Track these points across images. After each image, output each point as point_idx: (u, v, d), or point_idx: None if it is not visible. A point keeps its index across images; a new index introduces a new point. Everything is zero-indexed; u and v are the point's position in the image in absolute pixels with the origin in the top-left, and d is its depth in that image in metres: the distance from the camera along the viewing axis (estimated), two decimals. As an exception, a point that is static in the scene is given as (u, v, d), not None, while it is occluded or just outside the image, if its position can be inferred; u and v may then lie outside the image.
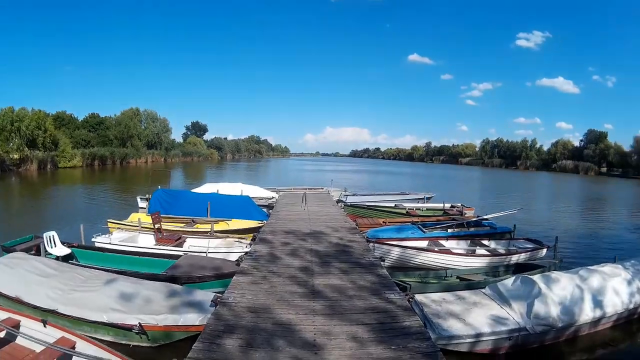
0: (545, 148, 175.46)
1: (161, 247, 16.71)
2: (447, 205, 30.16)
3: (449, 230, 20.37)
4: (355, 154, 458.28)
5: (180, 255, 14.66)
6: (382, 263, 13.08)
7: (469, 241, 19.82)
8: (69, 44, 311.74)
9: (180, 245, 17.37)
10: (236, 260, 13.00)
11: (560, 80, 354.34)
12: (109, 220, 21.10)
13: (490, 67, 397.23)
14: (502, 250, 18.40)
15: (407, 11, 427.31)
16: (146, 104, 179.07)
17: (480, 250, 18.44)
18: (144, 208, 26.00)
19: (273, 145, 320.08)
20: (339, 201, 30.42)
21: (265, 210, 25.82)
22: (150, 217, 19.53)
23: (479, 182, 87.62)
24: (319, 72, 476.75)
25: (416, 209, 28.67)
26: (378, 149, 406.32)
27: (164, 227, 19.22)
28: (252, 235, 18.02)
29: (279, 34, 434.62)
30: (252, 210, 22.97)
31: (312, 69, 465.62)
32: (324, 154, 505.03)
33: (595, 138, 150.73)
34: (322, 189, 38.55)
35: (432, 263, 16.82)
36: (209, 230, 19.11)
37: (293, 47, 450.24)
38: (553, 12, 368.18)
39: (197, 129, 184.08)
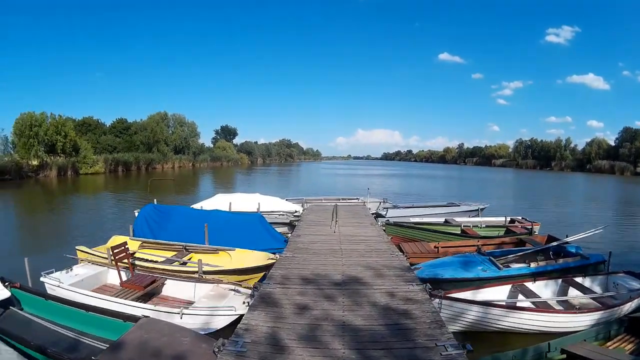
0: (579, 147, 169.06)
1: (121, 298, 11.27)
2: (507, 219, 24.50)
3: (532, 265, 14.55)
4: (387, 157, 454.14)
5: (139, 318, 9.41)
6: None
7: (559, 280, 13.81)
8: (99, 51, 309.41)
9: (151, 293, 12.38)
10: (216, 346, 7.34)
11: (591, 76, 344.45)
12: (78, 247, 15.92)
13: (521, 65, 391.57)
14: (613, 299, 12.37)
15: (436, 9, 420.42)
16: (176, 109, 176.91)
17: (583, 299, 12.57)
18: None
19: (304, 148, 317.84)
20: (377, 215, 25.13)
21: (285, 229, 21.47)
22: (136, 242, 16.53)
23: (518, 186, 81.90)
24: (348, 73, 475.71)
25: (473, 227, 22.90)
26: (410, 151, 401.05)
27: (150, 255, 15.53)
28: (257, 277, 13.45)
29: (308, 34, 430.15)
30: (263, 234, 17.62)
31: (342, 70, 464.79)
32: (355, 157, 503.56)
33: (630, 136, 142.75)
34: (356, 199, 32.58)
35: (526, 326, 10.90)
36: (197, 270, 13.35)
37: (322, 48, 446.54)
38: (581, 5, 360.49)
39: (227, 133, 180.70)
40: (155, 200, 23.33)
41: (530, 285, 13.24)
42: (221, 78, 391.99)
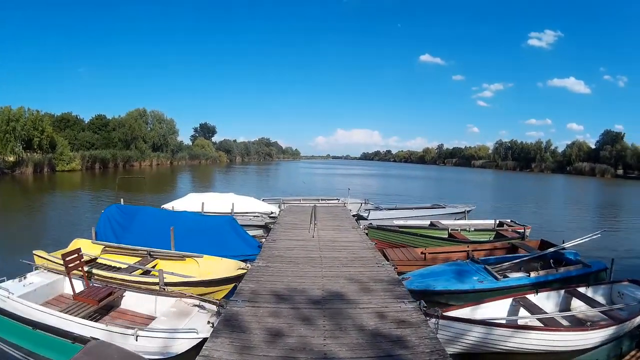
0: (559, 150, 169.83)
1: (71, 314, 9.62)
2: (496, 222, 23.09)
3: (532, 275, 13.19)
4: (366, 157, 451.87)
5: (88, 339, 7.90)
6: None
7: (562, 291, 12.32)
8: (81, 46, 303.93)
9: (109, 306, 10.81)
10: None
11: (572, 80, 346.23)
12: (35, 252, 13.97)
13: (502, 68, 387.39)
14: (621, 311, 10.99)
15: (418, 11, 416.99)
16: (155, 105, 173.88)
17: (590, 312, 11.24)
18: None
19: (284, 147, 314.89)
20: (358, 218, 23.70)
21: (260, 232, 20.13)
22: (98, 246, 15.12)
23: (500, 187, 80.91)
24: (329, 73, 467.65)
25: (461, 230, 21.51)
26: (389, 151, 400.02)
27: (111, 261, 14.23)
28: (226, 288, 12.12)
29: (289, 34, 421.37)
30: (235, 239, 15.93)
31: (323, 70, 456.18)
32: (334, 157, 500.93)
33: (611, 139, 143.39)
34: (336, 200, 30.96)
35: (533, 346, 9.42)
36: (157, 282, 11.66)
37: (303, 47, 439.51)
38: (564, 10, 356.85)
39: (206, 131, 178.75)
40: (122, 200, 21.76)
41: (532, 298, 11.75)
42: (201, 76, 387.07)
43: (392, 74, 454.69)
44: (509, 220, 23.21)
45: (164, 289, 11.22)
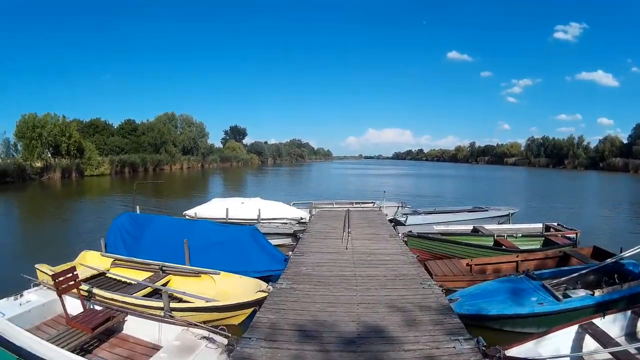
0: (591, 145, 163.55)
1: (59, 345, 8.12)
2: (540, 225, 21.44)
3: (597, 293, 11.02)
4: (398, 156, 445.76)
5: None
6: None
7: (629, 313, 10.21)
8: (108, 52, 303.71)
9: (110, 330, 9.29)
10: None
11: (600, 73, 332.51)
12: (37, 266, 12.53)
13: (530, 63, 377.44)
14: None
15: (443, 7, 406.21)
16: (184, 109, 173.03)
17: None
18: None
19: (315, 148, 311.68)
20: (395, 223, 21.68)
21: (289, 240, 18.57)
22: (108, 258, 13.88)
23: (534, 185, 77.33)
24: (358, 72, 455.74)
25: (507, 236, 19.17)
26: (421, 150, 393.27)
27: (120, 277, 12.86)
28: (244, 314, 10.38)
29: (318, 33, 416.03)
30: (257, 253, 14.06)
31: (352, 69, 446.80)
32: (366, 157, 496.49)
33: None
34: (371, 203, 28.92)
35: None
36: (163, 307, 9.95)
37: (333, 48, 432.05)
38: (589, 1, 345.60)
39: (237, 133, 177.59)
40: (138, 207, 20.26)
41: (599, 323, 9.58)
42: (231, 78, 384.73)
43: (420, 72, 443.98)
44: (555, 224, 21.22)
45: (170, 315, 9.47)
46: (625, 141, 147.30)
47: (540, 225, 21.38)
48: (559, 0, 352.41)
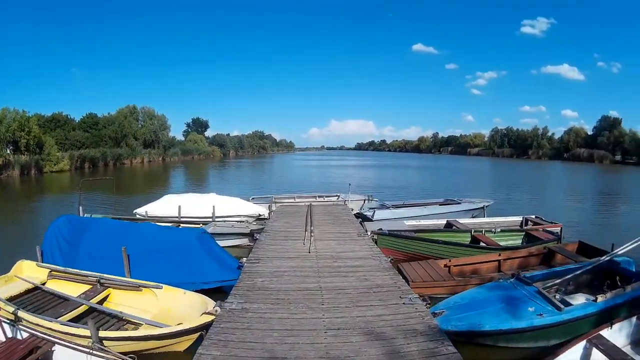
0: (555, 136, 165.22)
1: None
2: (518, 219, 19.96)
3: (600, 299, 9.52)
4: (360, 147, 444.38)
5: None
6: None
7: (634, 319, 8.95)
8: (72, 46, 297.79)
9: None
10: None
11: (565, 67, 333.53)
12: None
13: (496, 56, 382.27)
14: None
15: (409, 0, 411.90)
16: (147, 103, 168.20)
17: None
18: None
19: (278, 140, 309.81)
20: (362, 219, 19.96)
21: (246, 241, 16.21)
22: (44, 269, 11.87)
23: (500, 175, 76.98)
24: (321, 63, 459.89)
25: (485, 232, 17.49)
26: (384, 141, 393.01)
27: (55, 293, 10.84)
28: (187, 339, 8.56)
29: (280, 24, 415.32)
30: (206, 261, 12.07)
31: (315, 60, 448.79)
32: (329, 148, 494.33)
33: (608, 125, 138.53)
34: (336, 196, 27.10)
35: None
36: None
37: (294, 38, 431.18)
38: None
39: (199, 126, 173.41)
40: (81, 208, 18.20)
41: (607, 334, 8.24)
42: (193, 71, 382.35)
43: (384, 63, 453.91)
44: (533, 217, 19.81)
45: (99, 347, 7.56)
46: (590, 132, 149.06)
47: (518, 218, 20.02)
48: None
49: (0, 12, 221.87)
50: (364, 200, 24.86)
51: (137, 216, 20.96)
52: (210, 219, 19.06)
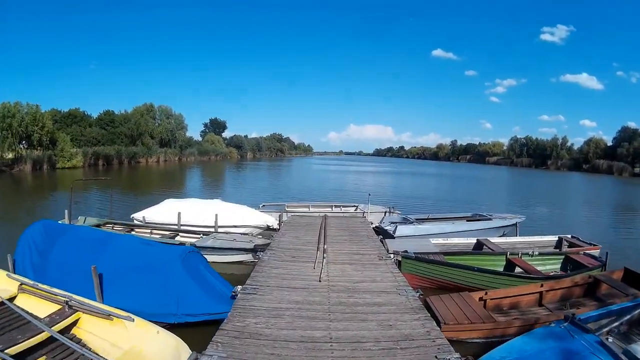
0: (574, 147, 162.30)
1: None
2: (553, 238, 18.12)
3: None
4: (379, 153, 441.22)
5: None
6: None
7: None
8: (92, 42, 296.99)
9: None
10: None
11: (584, 76, 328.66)
12: None
13: (515, 63, 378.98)
14: None
15: (430, 5, 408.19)
16: (166, 102, 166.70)
17: None
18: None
19: (296, 143, 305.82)
20: (383, 234, 17.83)
21: (249, 258, 14.54)
22: (14, 282, 9.78)
23: (521, 185, 74.37)
24: (341, 68, 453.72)
25: (522, 255, 15.19)
26: (402, 147, 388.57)
27: (25, 311, 8.71)
28: None
29: (303, 29, 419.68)
30: (191, 287, 9.87)
31: (335, 65, 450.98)
32: (347, 153, 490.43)
33: (628, 136, 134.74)
34: (354, 207, 24.97)
35: None
36: None
37: (316, 43, 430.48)
38: (576, 4, 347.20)
39: (216, 126, 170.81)
40: (66, 211, 16.34)
41: None
42: (213, 71, 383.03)
43: (404, 69, 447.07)
44: (570, 236, 17.88)
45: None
46: (609, 143, 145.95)
47: (553, 238, 18.05)
48: (547, 2, 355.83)
49: (21, 7, 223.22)
50: (385, 212, 22.65)
51: (135, 221, 19.19)
52: (213, 229, 17.22)
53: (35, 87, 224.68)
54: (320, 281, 10.26)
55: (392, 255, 13.37)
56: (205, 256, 13.67)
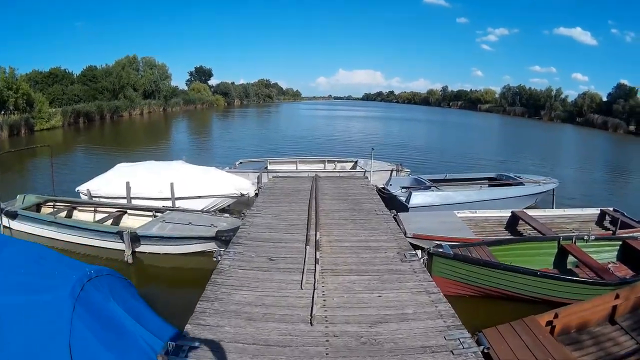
0: (569, 99, 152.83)
1: None
2: (593, 212, 14.38)
3: None
4: (368, 97, 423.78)
5: None
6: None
7: None
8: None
9: None
10: None
11: (579, 30, 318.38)
12: None
13: (508, 13, 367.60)
14: None
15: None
16: (151, 53, 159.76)
17: None
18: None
19: (284, 88, 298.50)
20: (389, 200, 13.85)
21: (210, 246, 10.86)
22: None
23: (525, 137, 68.24)
24: (329, 11, 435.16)
25: (576, 240, 10.95)
26: (392, 92, 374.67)
27: None
28: None
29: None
30: (92, 347, 5.20)
31: (323, 8, 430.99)
32: (336, 98, 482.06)
33: (624, 93, 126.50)
34: (351, 163, 20.56)
35: None
36: None
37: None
38: None
39: (202, 74, 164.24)
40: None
41: None
42: (197, 17, 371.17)
43: (394, 14, 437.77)
44: (611, 209, 14.24)
45: None
46: (604, 99, 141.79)
47: (594, 210, 14.37)
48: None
49: None
50: (391, 171, 18.27)
51: (81, 196, 14.86)
52: (169, 202, 13.27)
53: (17, 50, 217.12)
54: (312, 324, 5.91)
55: (409, 235, 9.53)
56: (152, 247, 10.16)
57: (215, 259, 8.28)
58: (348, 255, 8.46)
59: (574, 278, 9.53)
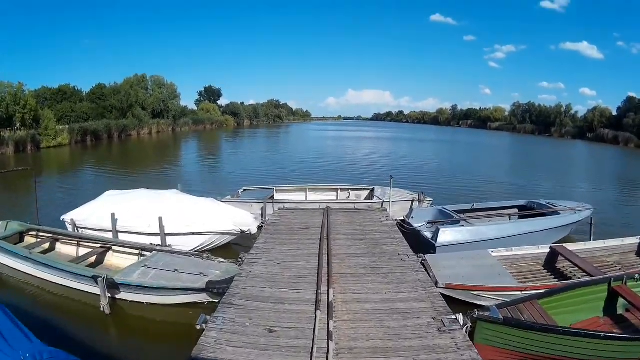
0: (578, 115, 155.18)
1: None
2: (634, 241, 12.90)
3: None
4: (377, 117, 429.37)
5: None
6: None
7: None
8: (84, 16, 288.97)
9: None
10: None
11: (585, 45, 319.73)
12: None
13: (514, 29, 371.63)
14: None
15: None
16: (161, 73, 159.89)
17: None
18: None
19: (294, 109, 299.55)
20: (410, 234, 12.40)
21: (202, 297, 9.44)
22: None
23: (539, 155, 66.23)
24: (340, 33, 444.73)
25: (627, 281, 9.10)
26: (401, 112, 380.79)
27: None
28: None
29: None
30: None
31: (333, 29, 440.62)
32: (346, 118, 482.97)
33: (634, 106, 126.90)
34: (367, 190, 18.83)
35: None
36: None
37: (314, 7, 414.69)
38: None
39: (211, 94, 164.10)
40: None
41: None
42: (208, 38, 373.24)
43: (402, 33, 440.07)
44: None
45: None
46: (613, 113, 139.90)
47: (635, 240, 12.97)
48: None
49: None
50: (412, 201, 16.55)
51: (67, 225, 13.52)
52: (157, 240, 11.65)
53: (27, 66, 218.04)
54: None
55: (440, 285, 7.95)
56: (133, 295, 8.91)
57: (198, 326, 6.31)
58: (370, 325, 6.47)
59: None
